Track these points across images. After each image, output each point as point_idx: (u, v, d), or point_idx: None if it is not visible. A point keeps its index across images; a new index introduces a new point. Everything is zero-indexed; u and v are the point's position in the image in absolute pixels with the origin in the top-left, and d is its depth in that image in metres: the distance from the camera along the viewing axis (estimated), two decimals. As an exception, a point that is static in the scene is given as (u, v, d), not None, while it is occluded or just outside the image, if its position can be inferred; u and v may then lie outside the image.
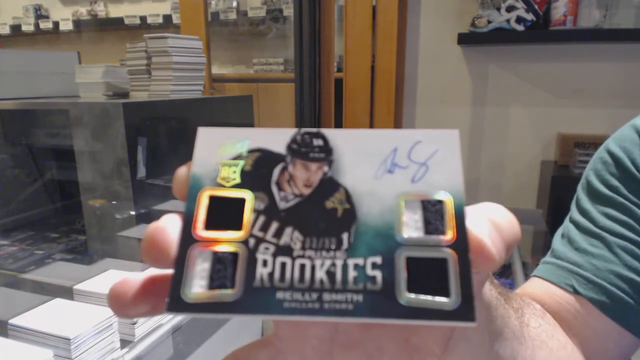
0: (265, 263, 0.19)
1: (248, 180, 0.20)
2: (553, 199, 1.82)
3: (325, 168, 0.20)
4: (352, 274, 0.18)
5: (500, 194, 2.19)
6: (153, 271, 0.19)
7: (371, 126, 2.10)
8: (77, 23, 3.38)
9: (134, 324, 0.70)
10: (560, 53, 2.00)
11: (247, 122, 1.51)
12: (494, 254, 0.18)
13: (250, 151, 0.21)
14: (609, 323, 0.46)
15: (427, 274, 0.18)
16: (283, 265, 0.19)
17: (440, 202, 0.19)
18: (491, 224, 0.19)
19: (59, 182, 1.52)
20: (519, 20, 1.86)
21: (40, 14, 3.51)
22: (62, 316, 0.64)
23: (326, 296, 0.18)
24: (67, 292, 0.72)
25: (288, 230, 0.19)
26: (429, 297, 0.18)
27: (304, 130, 0.21)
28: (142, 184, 1.04)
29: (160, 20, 3.14)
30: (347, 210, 0.20)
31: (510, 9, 1.86)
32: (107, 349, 0.65)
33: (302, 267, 0.18)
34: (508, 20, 1.87)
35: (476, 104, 2.15)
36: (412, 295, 0.18)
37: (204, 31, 2.23)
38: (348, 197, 0.20)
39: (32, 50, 2.76)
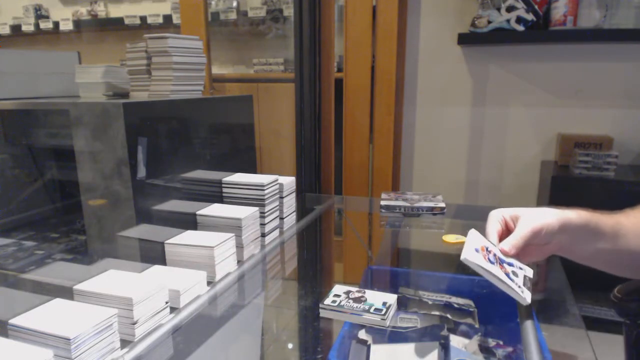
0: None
1: None
2: (553, 199, 1.81)
3: None
4: None
5: (500, 194, 2.19)
6: None
7: (371, 126, 2.10)
8: (77, 23, 3.39)
9: (134, 324, 0.70)
10: (560, 53, 2.00)
11: (247, 122, 1.51)
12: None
13: None
14: None
15: None
16: None
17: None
18: None
19: (59, 182, 1.52)
20: (519, 20, 1.86)
21: (40, 14, 3.52)
22: (62, 316, 0.64)
23: None
24: (67, 292, 0.72)
25: None
26: None
27: None
28: (142, 184, 1.04)
29: (160, 20, 3.14)
30: None
31: (510, 9, 1.86)
32: (107, 349, 0.65)
33: None
34: (508, 21, 1.87)
35: (476, 104, 2.15)
36: None
37: (204, 31, 2.24)
38: None
39: (32, 50, 2.76)
